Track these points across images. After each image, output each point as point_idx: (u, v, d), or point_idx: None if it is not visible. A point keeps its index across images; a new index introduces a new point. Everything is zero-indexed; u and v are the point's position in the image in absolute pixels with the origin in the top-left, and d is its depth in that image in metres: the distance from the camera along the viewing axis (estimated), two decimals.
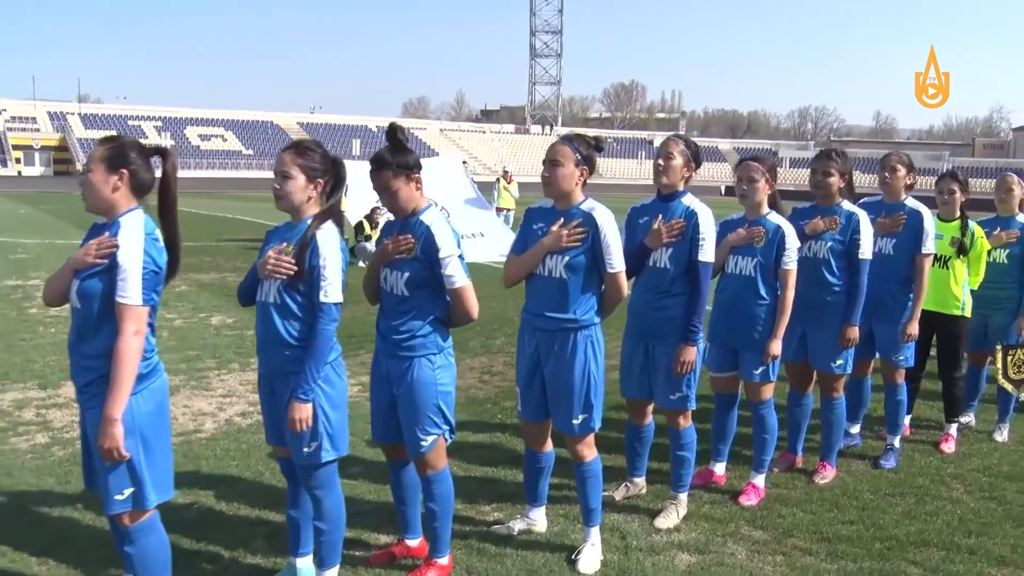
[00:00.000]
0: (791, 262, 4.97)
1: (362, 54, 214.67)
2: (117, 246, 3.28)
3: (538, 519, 4.68)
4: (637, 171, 77.77)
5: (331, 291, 3.64)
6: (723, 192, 76.51)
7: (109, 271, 3.28)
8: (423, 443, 3.99)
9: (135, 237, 3.31)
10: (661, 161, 4.69)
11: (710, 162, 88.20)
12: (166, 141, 69.23)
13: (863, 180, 79.72)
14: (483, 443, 6.18)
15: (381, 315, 4.12)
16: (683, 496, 4.91)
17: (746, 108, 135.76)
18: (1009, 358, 6.53)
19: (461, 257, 3.94)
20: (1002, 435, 6.56)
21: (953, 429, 6.38)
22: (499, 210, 20.90)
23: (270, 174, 4.04)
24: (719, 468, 5.43)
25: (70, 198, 40.75)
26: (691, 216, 4.61)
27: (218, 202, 41.81)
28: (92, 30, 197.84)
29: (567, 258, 4.17)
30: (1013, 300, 6.51)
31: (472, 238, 18.15)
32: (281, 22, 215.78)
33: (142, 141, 3.57)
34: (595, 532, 4.40)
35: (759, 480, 5.22)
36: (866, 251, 5.31)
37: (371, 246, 16.53)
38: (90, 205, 3.43)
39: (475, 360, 8.85)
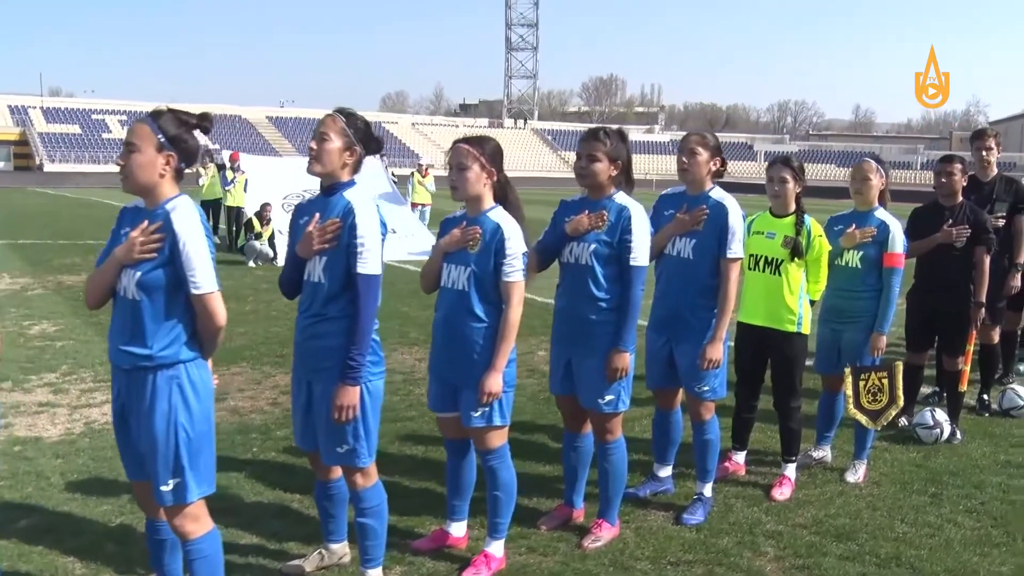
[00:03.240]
0: (514, 272, 3.84)
1: (340, 48, 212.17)
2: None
3: None
4: None
5: None
6: None
7: None
8: None
9: None
10: (313, 144, 3.56)
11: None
12: None
13: (839, 174, 79.15)
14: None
15: None
16: (373, 572, 3.76)
17: (726, 102, 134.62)
18: (862, 383, 5.39)
19: None
20: (856, 475, 5.43)
21: (791, 470, 5.24)
22: (414, 206, 19.65)
23: None
24: (456, 529, 4.28)
25: (8, 194, 39.26)
26: (348, 214, 3.48)
27: None
28: (57, 23, 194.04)
29: (138, 274, 3.04)
30: (868, 312, 5.38)
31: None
32: (258, 16, 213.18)
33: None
34: None
35: (494, 548, 4.06)
36: (640, 256, 4.17)
37: (260, 244, 15.32)
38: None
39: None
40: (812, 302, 5.14)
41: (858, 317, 5.38)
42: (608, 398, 4.25)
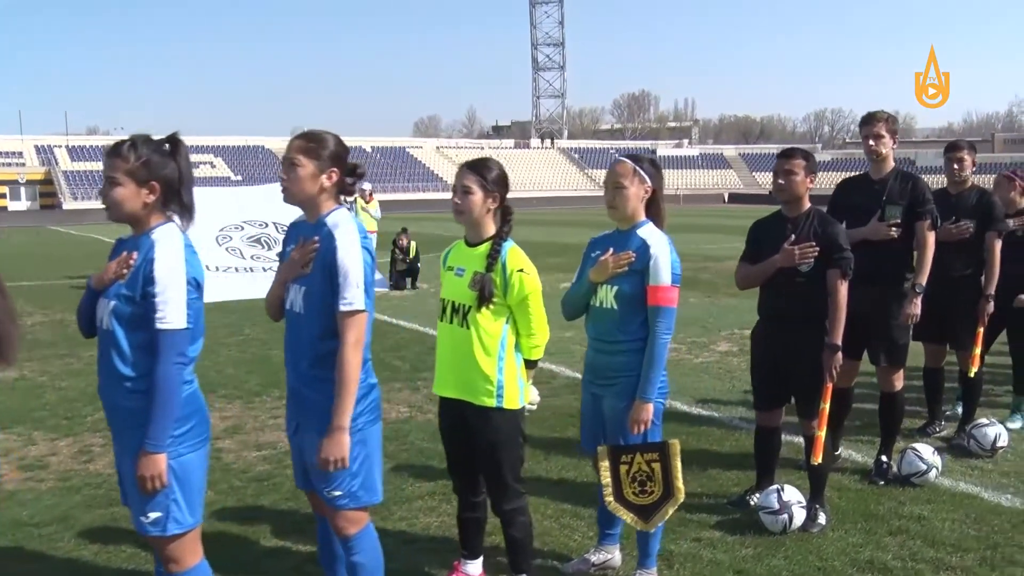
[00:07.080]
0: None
1: (372, 76, 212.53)
2: None
3: None
4: None
5: None
6: (727, 200, 73.33)
7: None
8: None
9: None
10: None
11: (714, 169, 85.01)
12: None
13: None
14: None
15: None
16: None
17: (761, 114, 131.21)
18: (624, 468, 3.91)
19: None
20: None
21: None
22: None
23: None
24: None
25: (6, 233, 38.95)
26: None
27: None
28: (79, 62, 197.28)
29: None
30: (631, 370, 3.87)
31: None
32: (292, 48, 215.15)
33: None
34: None
35: None
36: (170, 315, 2.93)
37: None
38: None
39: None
40: (531, 363, 3.70)
41: (618, 377, 3.89)
42: (153, 516, 2.90)
